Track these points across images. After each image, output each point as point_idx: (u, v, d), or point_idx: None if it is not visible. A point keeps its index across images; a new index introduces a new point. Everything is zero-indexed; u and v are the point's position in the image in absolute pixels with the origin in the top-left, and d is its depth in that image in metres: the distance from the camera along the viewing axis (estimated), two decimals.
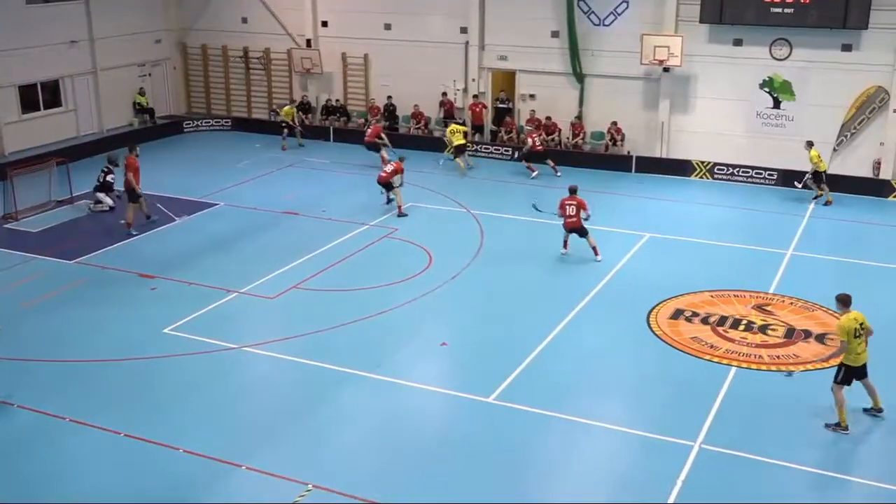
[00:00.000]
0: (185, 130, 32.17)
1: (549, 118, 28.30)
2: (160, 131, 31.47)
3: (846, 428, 12.79)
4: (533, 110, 28.58)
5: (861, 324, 12.75)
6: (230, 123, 32.57)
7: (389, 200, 22.87)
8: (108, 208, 22.84)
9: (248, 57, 33.16)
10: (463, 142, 26.66)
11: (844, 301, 12.93)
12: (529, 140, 26.38)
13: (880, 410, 13.20)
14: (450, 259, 19.50)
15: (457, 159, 26.58)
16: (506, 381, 14.23)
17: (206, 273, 18.73)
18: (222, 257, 19.82)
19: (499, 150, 28.42)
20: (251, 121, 32.85)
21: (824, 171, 23.63)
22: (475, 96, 29.32)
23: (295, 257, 19.58)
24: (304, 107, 31.50)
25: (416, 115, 30.11)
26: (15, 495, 11.45)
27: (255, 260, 19.50)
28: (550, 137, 28.24)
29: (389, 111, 30.62)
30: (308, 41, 31.66)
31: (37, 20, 28.32)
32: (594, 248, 19.42)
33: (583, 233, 19.42)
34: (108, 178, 22.86)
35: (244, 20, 32.69)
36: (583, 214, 19.34)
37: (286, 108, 29.95)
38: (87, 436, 12.84)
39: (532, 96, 29.03)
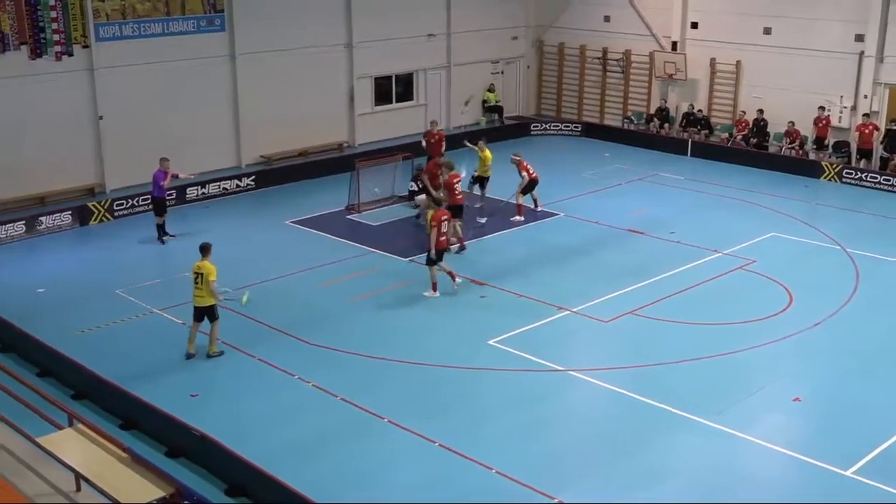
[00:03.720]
0: (532, 133, 33.34)
1: None
2: (507, 132, 32.90)
3: None
4: None
5: None
6: (580, 129, 33.23)
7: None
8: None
9: (607, 58, 33.73)
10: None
11: None
12: (525, 174, 23.55)
13: None
14: (814, 302, 18.58)
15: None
16: (871, 454, 13.31)
17: (539, 287, 19.30)
18: (557, 272, 20.34)
19: (888, 180, 26.50)
20: (603, 127, 33.36)
21: None
22: (866, 115, 27.59)
23: (635, 280, 19.62)
24: (662, 114, 31.57)
25: (790, 134, 28.97)
26: (326, 489, 12.43)
27: (592, 278, 19.81)
28: None
29: (759, 126, 29.69)
30: (674, 44, 31.59)
31: (398, 11, 30.85)
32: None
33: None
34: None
35: (606, 19, 33.31)
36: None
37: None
38: (402, 439, 13.75)
39: None
